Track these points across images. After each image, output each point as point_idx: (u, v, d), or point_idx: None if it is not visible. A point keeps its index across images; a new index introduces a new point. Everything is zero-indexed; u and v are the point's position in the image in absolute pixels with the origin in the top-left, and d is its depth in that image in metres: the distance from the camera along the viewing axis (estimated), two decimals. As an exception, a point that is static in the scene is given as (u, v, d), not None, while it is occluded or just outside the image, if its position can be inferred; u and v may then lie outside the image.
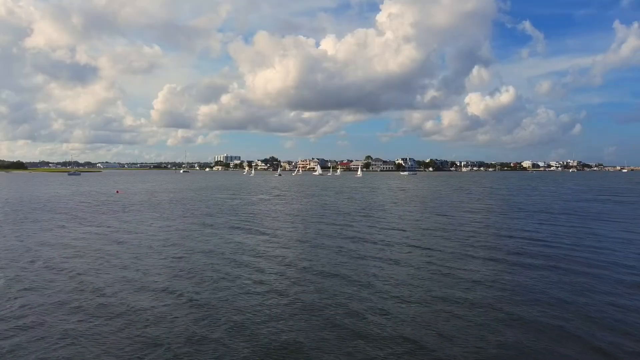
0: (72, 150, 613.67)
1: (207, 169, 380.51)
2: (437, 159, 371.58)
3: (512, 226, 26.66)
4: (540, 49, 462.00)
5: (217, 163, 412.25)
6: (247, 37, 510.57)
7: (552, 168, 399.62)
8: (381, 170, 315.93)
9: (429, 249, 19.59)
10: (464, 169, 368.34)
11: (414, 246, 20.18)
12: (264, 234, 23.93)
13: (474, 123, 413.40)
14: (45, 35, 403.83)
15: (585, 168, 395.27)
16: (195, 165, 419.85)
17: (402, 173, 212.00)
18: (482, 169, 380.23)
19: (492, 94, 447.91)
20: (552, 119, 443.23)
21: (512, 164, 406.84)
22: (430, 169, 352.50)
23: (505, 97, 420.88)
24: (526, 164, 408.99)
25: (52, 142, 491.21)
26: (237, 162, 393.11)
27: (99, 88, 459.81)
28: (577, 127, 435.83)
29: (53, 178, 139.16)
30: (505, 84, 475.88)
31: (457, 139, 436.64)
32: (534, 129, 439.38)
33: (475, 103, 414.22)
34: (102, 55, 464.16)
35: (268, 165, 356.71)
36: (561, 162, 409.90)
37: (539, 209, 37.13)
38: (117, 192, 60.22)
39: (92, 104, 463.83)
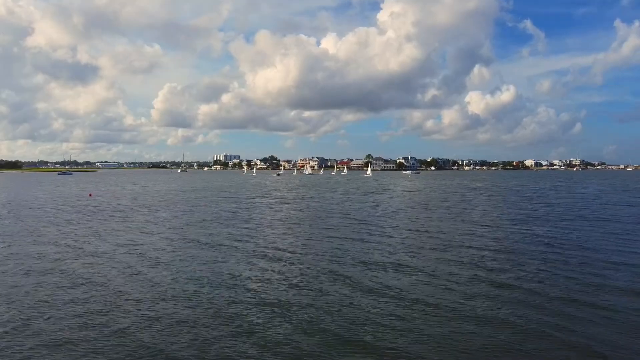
0: (72, 149, 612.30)
1: (206, 169, 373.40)
2: (438, 158, 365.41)
3: (585, 239, 20.27)
4: (541, 47, 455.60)
5: (216, 162, 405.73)
6: (248, 37, 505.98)
7: (555, 167, 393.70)
8: (382, 170, 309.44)
9: (488, 270, 13.33)
10: (466, 168, 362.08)
11: (469, 268, 13.86)
12: (264, 257, 17.52)
13: (475, 122, 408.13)
14: (46, 34, 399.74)
15: (588, 167, 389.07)
16: (194, 164, 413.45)
17: (404, 172, 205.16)
18: (484, 167, 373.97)
19: (492, 92, 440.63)
20: (552, 117, 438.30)
21: (514, 163, 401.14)
22: (432, 167, 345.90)
23: (506, 96, 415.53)
24: (529, 162, 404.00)
25: (52, 142, 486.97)
26: (236, 161, 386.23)
27: (99, 88, 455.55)
28: (578, 126, 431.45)
29: (42, 178, 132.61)
30: (505, 83, 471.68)
31: (457, 137, 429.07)
32: (534, 128, 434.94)
33: (476, 102, 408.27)
34: (103, 54, 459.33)
35: (267, 164, 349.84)
36: (564, 161, 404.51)
37: (594, 216, 30.76)
38: (90, 195, 54.03)
39: (93, 104, 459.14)
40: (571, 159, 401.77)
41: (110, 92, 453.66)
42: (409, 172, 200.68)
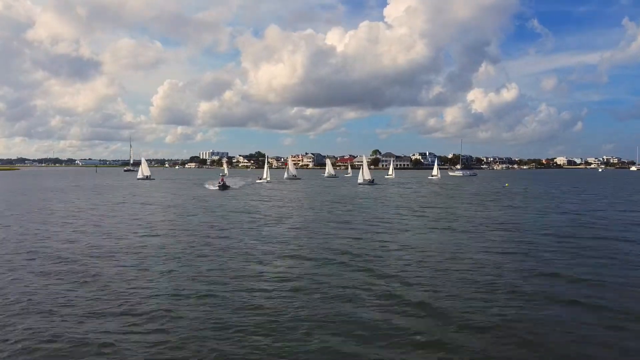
0: (70, 147, 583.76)
1: (178, 167, 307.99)
2: (462, 155, 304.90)
3: None
4: (548, 45, 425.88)
5: (193, 159, 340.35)
6: (256, 32, 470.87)
7: (592, 166, 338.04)
8: (395, 169, 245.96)
9: None
10: (496, 167, 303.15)
11: None
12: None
13: (477, 120, 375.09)
14: (47, 27, 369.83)
15: (630, 166, 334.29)
16: (166, 163, 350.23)
17: (451, 173, 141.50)
18: (516, 167, 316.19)
19: (497, 90, 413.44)
20: (554, 115, 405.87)
21: (544, 161, 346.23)
22: (458, 166, 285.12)
23: (510, 93, 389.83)
24: (560, 160, 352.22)
25: (49, 140, 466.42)
26: (216, 158, 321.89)
27: (99, 84, 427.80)
28: (579, 125, 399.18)
29: None
30: (510, 81, 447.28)
31: (458, 135, 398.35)
32: (536, 126, 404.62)
33: (479, 100, 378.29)
34: (105, 49, 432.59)
35: (252, 161, 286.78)
36: (602, 159, 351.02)
37: None
38: None
39: (92, 101, 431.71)
40: (607, 157, 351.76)
41: (110, 89, 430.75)
42: (459, 172, 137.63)
